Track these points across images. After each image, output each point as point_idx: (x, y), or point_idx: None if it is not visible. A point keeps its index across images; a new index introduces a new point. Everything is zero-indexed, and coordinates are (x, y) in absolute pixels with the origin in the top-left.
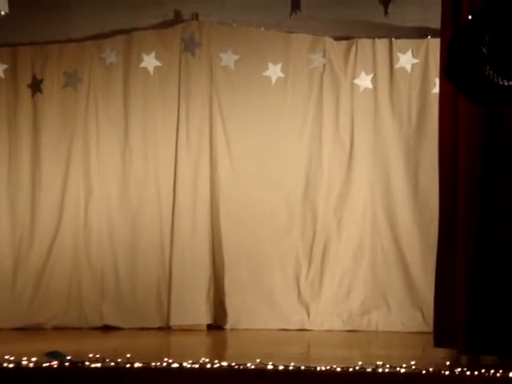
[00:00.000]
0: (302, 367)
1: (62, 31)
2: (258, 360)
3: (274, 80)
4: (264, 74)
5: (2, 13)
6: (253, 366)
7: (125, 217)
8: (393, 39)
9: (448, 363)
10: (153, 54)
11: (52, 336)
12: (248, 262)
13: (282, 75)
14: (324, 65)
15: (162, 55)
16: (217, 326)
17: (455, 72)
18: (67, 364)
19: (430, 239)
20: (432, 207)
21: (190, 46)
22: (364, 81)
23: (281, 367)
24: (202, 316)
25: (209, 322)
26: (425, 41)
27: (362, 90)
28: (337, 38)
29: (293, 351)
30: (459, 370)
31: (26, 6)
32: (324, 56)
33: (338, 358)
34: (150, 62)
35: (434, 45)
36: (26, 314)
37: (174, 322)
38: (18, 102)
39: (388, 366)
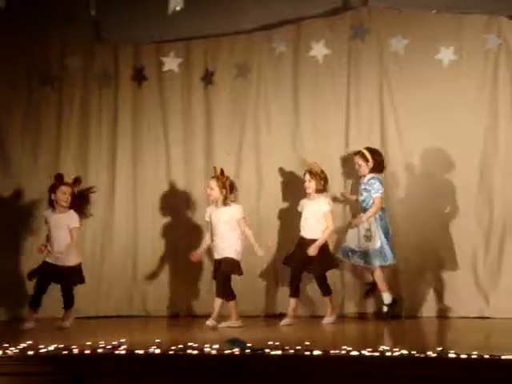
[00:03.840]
0: (486, 356)
1: (232, 23)
2: (440, 348)
3: (446, 63)
4: (436, 57)
5: (178, 8)
6: (434, 355)
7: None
8: None
9: None
10: (322, 42)
11: None
12: (420, 248)
13: (455, 58)
14: (499, 45)
15: (331, 43)
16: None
17: None
18: (248, 351)
19: None
20: None
21: (359, 33)
22: None
23: (463, 356)
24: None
25: (375, 309)
26: None
27: None
28: None
29: (473, 339)
30: None
31: (198, 0)
32: (499, 36)
33: None
34: (319, 50)
35: None
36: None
37: (347, 309)
38: (192, 95)
39: None
